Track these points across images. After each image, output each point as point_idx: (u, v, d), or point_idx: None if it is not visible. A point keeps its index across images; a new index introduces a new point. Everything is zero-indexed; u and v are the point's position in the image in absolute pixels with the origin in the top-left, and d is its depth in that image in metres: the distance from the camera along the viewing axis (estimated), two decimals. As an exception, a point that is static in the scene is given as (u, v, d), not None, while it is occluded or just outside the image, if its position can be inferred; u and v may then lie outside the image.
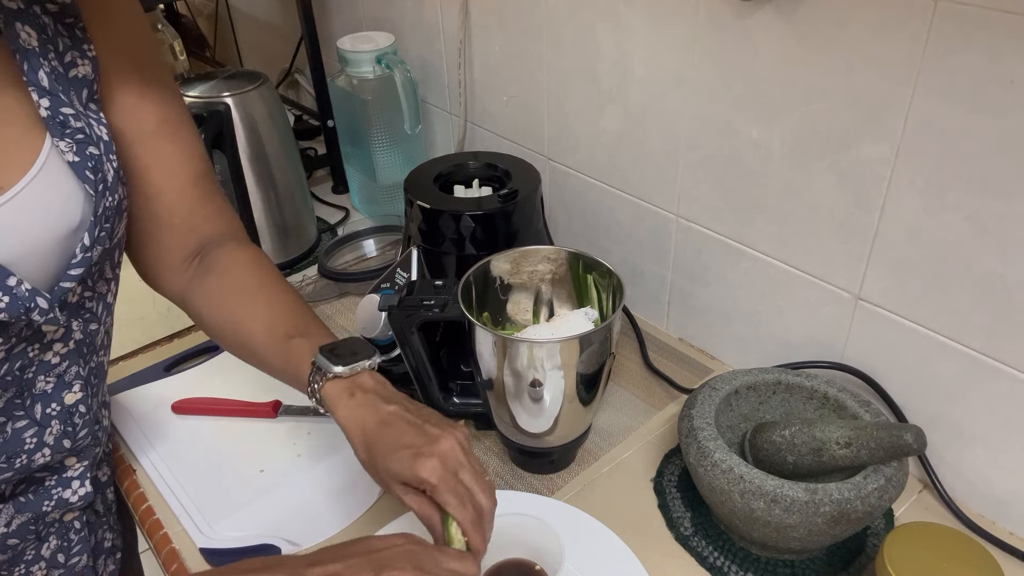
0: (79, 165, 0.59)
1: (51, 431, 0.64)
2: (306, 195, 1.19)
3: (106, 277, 0.66)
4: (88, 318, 0.65)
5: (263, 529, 0.74)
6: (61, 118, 0.59)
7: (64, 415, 0.65)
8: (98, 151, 0.60)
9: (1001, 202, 0.63)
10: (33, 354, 0.61)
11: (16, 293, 0.55)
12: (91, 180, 0.59)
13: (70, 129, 0.59)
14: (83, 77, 0.61)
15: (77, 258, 0.60)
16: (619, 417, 0.87)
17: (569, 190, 1.04)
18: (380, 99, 1.14)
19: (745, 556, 0.71)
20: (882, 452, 0.63)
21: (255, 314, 0.70)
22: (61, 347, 0.63)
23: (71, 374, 0.64)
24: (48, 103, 0.58)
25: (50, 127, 0.58)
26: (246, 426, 0.87)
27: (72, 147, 0.59)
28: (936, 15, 0.61)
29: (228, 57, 1.84)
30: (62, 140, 0.59)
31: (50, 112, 0.58)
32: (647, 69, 0.86)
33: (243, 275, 0.72)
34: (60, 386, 0.64)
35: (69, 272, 0.60)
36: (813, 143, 0.74)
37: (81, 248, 0.60)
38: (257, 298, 0.71)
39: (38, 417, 0.63)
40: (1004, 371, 0.68)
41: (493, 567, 0.65)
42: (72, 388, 0.65)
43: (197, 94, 1.06)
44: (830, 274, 0.78)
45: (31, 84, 0.58)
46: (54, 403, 0.64)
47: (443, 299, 0.72)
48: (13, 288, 0.55)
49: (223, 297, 0.71)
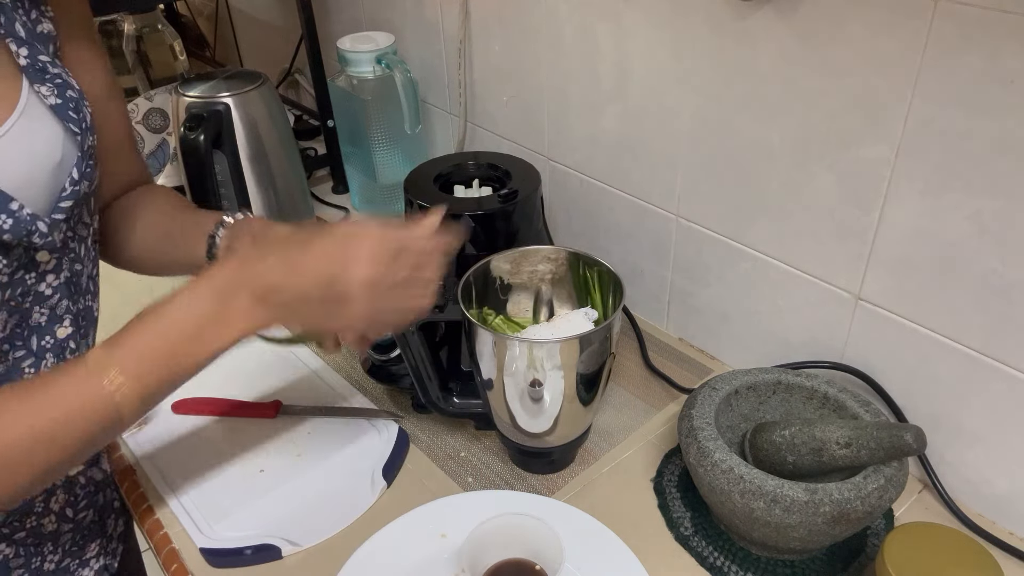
0: (62, 107, 0.63)
1: (46, 363, 0.67)
2: (306, 195, 1.19)
3: (84, 221, 0.70)
4: (72, 257, 0.68)
5: (263, 529, 0.74)
6: (39, 65, 0.63)
7: (57, 349, 0.68)
8: (75, 94, 0.65)
9: (1001, 202, 0.63)
10: (30, 282, 0.64)
11: (19, 216, 0.59)
12: (74, 119, 0.64)
13: (49, 75, 0.63)
14: (47, 33, 0.66)
15: (67, 191, 0.64)
16: (619, 417, 0.87)
17: (569, 190, 1.04)
18: (380, 99, 1.14)
19: (745, 556, 0.71)
20: (882, 452, 0.63)
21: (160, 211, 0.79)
22: (53, 279, 0.66)
23: (62, 308, 0.67)
24: (26, 52, 0.63)
25: (30, 74, 0.62)
26: (246, 426, 0.87)
27: (53, 91, 0.63)
28: (936, 15, 0.61)
29: (228, 57, 1.84)
30: (43, 85, 0.63)
31: (29, 60, 0.63)
32: (647, 69, 0.86)
33: (150, 193, 0.81)
34: (52, 319, 0.67)
35: (60, 204, 0.63)
36: (813, 143, 0.74)
37: (70, 181, 0.64)
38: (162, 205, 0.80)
39: (34, 348, 0.66)
40: (1004, 371, 0.68)
41: (493, 567, 0.65)
42: (63, 322, 0.68)
43: (197, 94, 1.06)
44: (830, 274, 0.78)
45: (9, 35, 0.62)
46: (48, 336, 0.67)
47: (443, 299, 0.72)
48: (16, 212, 0.59)
49: (133, 209, 0.79)
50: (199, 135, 1.02)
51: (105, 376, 0.55)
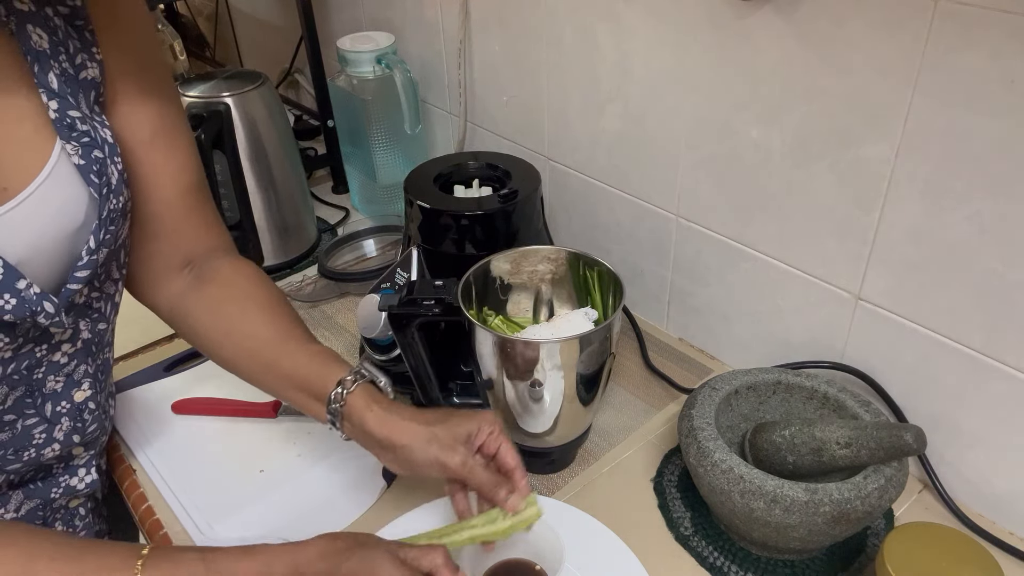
0: (84, 168, 0.60)
1: (61, 427, 0.65)
2: (306, 195, 1.19)
3: (113, 277, 0.67)
4: (96, 318, 0.65)
5: (263, 529, 0.74)
6: (68, 121, 0.59)
7: (74, 412, 0.66)
8: (103, 154, 0.61)
9: (1001, 202, 0.63)
10: (41, 354, 0.62)
11: (24, 296, 0.56)
12: (95, 184, 0.60)
13: (76, 132, 0.60)
14: (91, 79, 0.62)
15: (83, 260, 0.60)
16: (619, 417, 0.87)
17: (569, 190, 1.04)
18: (380, 99, 1.14)
19: (745, 556, 0.71)
20: (882, 452, 0.63)
21: (265, 320, 0.70)
22: (69, 347, 0.64)
23: (80, 372, 0.65)
24: (56, 105, 0.59)
25: (58, 129, 0.59)
26: (246, 426, 0.87)
27: (78, 150, 0.59)
28: (936, 15, 0.61)
29: (228, 57, 1.84)
30: (68, 143, 0.59)
31: (58, 115, 0.59)
32: (647, 69, 0.86)
33: (248, 285, 0.72)
34: (70, 385, 0.65)
35: (75, 274, 0.60)
36: (813, 143, 0.74)
37: (87, 251, 0.60)
38: (264, 307, 0.71)
39: (48, 415, 0.64)
40: (1004, 371, 0.68)
41: (493, 567, 0.65)
42: (81, 386, 0.66)
43: (197, 94, 1.06)
44: (830, 274, 0.78)
45: (41, 86, 0.58)
46: (64, 401, 0.65)
47: (443, 299, 0.72)
48: (22, 291, 0.56)
49: (227, 305, 0.71)
50: (199, 135, 1.01)
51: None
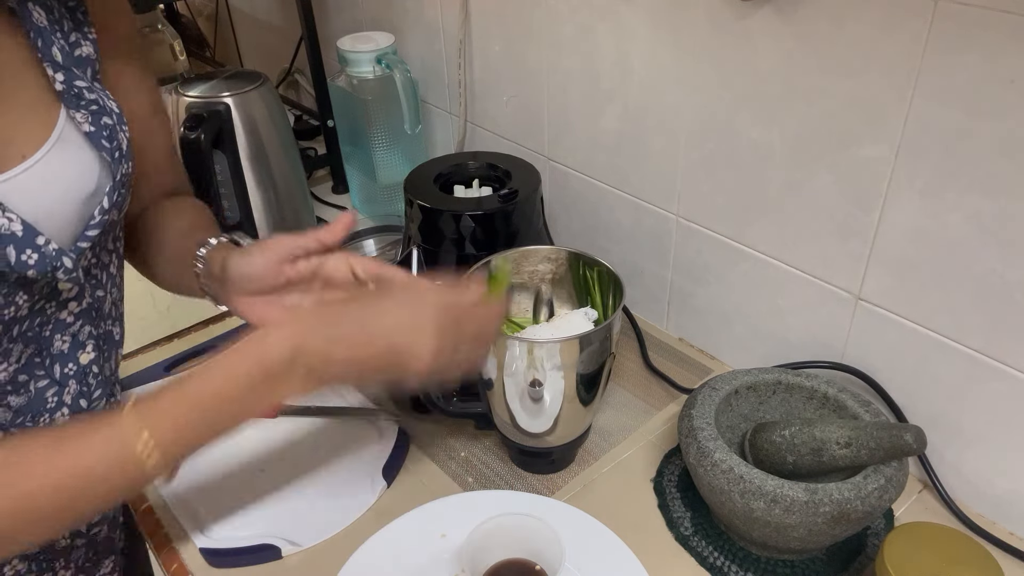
0: (95, 135, 0.63)
1: (69, 391, 0.67)
2: (306, 195, 1.19)
3: (108, 249, 0.70)
4: (95, 284, 0.68)
5: (263, 529, 0.74)
6: (75, 91, 0.62)
7: (80, 375, 0.67)
8: (112, 121, 0.64)
9: (1001, 202, 0.63)
10: (51, 311, 0.64)
11: (44, 252, 0.58)
12: (107, 148, 0.63)
13: (85, 101, 0.63)
14: (87, 56, 0.65)
15: (95, 220, 0.63)
16: (619, 417, 0.87)
17: (569, 190, 1.04)
18: (380, 99, 1.14)
19: (745, 556, 0.71)
20: (882, 452, 0.63)
21: (187, 217, 0.78)
22: (75, 306, 0.66)
23: (84, 334, 0.67)
24: (63, 77, 0.62)
25: (66, 99, 0.62)
26: (246, 426, 0.86)
27: (88, 118, 0.62)
28: (936, 15, 0.61)
29: (228, 57, 1.84)
30: (78, 112, 0.62)
31: (65, 85, 0.62)
32: (647, 69, 0.86)
33: (191, 204, 0.81)
34: (75, 346, 0.67)
35: (87, 233, 0.63)
36: (813, 143, 0.74)
37: (100, 211, 0.63)
38: (191, 211, 0.79)
39: (57, 377, 0.66)
40: (1004, 371, 0.68)
41: (493, 567, 0.65)
42: (86, 348, 0.67)
43: (197, 94, 1.06)
44: (830, 274, 0.78)
45: (46, 60, 0.61)
46: (70, 363, 0.67)
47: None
48: (42, 247, 0.58)
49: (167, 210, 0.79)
50: (199, 135, 1.02)
51: (138, 441, 0.53)
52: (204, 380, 0.56)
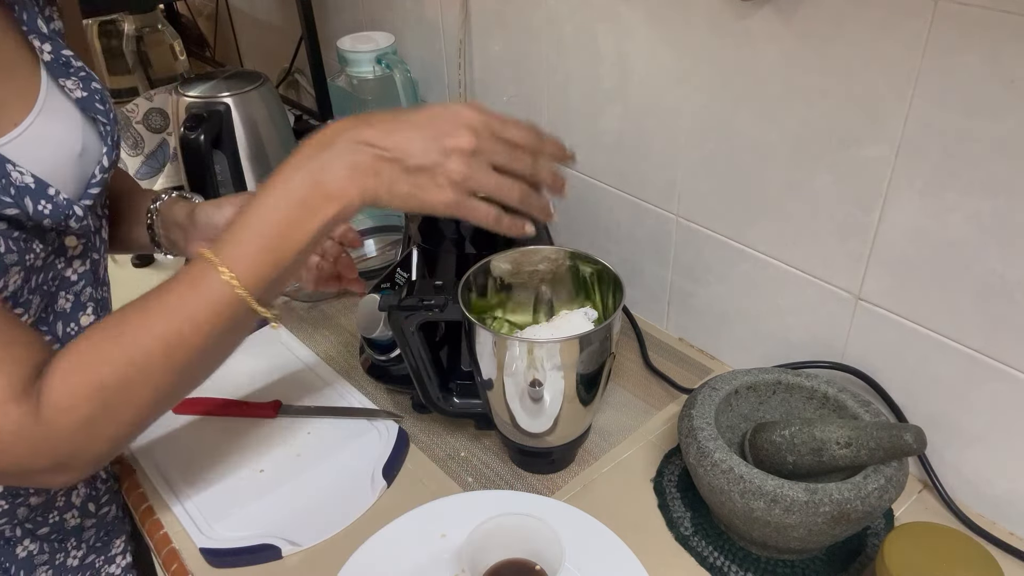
0: (88, 99, 0.65)
1: None
2: (306, 195, 1.19)
3: (97, 213, 0.71)
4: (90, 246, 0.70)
5: (263, 529, 0.74)
6: (63, 60, 0.65)
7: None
8: (100, 85, 0.67)
9: (1001, 202, 0.63)
10: (60, 266, 0.66)
11: (57, 201, 0.60)
12: (101, 111, 0.66)
13: (73, 68, 0.65)
14: (59, 30, 0.68)
15: (96, 178, 0.66)
16: (619, 417, 0.87)
17: (569, 190, 1.03)
18: (380, 99, 1.14)
19: (745, 556, 0.71)
20: (882, 452, 0.63)
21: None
22: (79, 265, 0.68)
23: (86, 295, 0.69)
24: (50, 47, 0.65)
25: (54, 69, 0.64)
26: (246, 426, 0.87)
27: (79, 84, 0.65)
28: (936, 15, 0.61)
29: (228, 57, 1.84)
30: (68, 79, 0.65)
31: (53, 56, 0.64)
32: (647, 69, 0.86)
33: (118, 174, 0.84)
34: (77, 306, 0.68)
35: (89, 191, 0.65)
36: (813, 143, 0.74)
37: (100, 168, 0.66)
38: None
39: (60, 335, 0.67)
40: (1004, 371, 0.68)
41: (493, 567, 0.65)
42: (86, 310, 0.69)
43: (197, 94, 1.06)
44: (830, 274, 0.78)
45: (32, 32, 0.64)
46: (72, 323, 0.68)
47: (443, 299, 0.72)
48: (54, 197, 0.60)
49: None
50: (199, 135, 1.02)
51: (217, 273, 0.55)
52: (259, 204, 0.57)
